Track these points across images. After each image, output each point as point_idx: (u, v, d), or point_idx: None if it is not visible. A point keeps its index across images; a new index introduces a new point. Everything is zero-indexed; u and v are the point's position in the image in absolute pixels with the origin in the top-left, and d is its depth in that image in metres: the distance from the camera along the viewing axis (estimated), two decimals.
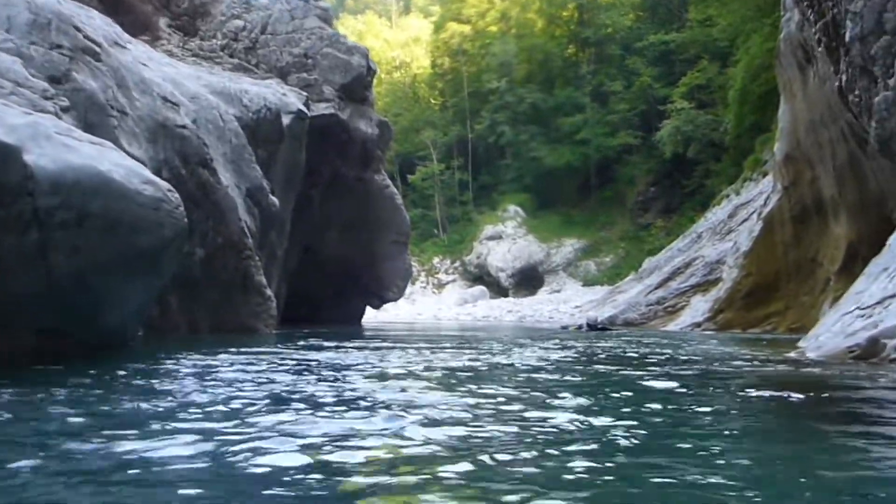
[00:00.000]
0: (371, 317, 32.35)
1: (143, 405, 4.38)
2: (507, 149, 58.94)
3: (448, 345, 11.35)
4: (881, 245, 14.46)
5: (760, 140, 32.72)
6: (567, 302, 41.44)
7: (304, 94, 17.79)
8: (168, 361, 7.03)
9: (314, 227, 21.95)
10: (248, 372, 6.21)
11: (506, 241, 52.18)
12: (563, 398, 4.71)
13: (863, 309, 8.51)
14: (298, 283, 21.39)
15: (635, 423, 3.81)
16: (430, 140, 60.94)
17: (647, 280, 31.11)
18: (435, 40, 70.26)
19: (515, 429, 3.73)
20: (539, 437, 3.53)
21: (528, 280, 50.52)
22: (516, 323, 35.21)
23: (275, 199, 13.97)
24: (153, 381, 5.57)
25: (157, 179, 7.84)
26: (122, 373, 6.01)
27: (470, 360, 7.90)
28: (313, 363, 7.00)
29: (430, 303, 49.55)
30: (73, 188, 6.52)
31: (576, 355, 9.32)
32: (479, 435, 3.53)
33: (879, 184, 13.90)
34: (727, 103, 39.76)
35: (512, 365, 7.51)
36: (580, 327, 20.78)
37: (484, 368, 6.94)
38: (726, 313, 18.93)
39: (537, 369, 6.89)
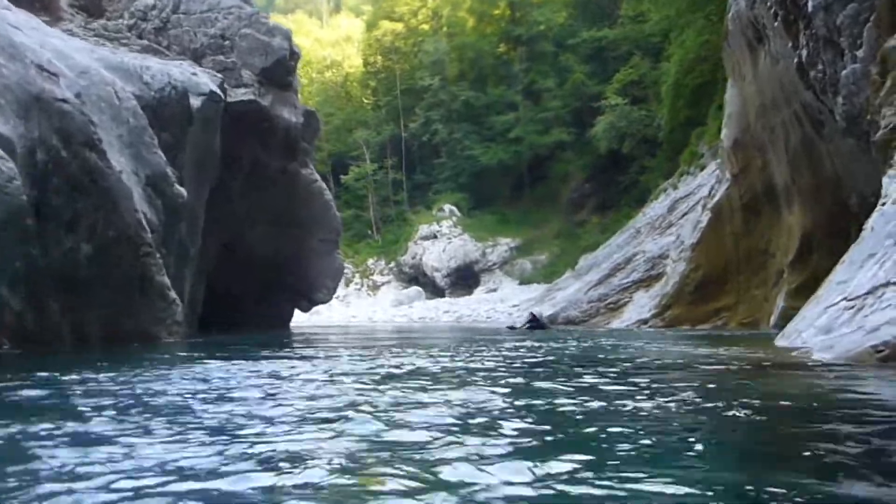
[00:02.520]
0: (303, 320, 31.07)
1: None
2: (441, 147, 58.17)
3: (385, 352, 9.95)
4: (837, 233, 13.75)
5: (696, 133, 32.45)
6: (504, 301, 40.78)
7: (220, 75, 16.10)
8: None
9: (236, 223, 20.26)
10: (91, 397, 4.72)
11: (441, 240, 51.38)
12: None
13: (850, 300, 7.50)
14: (220, 284, 19.78)
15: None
16: (363, 139, 59.73)
17: (585, 277, 30.42)
18: (367, 38, 69.10)
19: None
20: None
21: (465, 280, 49.99)
22: (454, 323, 34.30)
23: (182, 189, 12.31)
24: None
25: None
26: None
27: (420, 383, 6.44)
28: (196, 387, 5.47)
29: (364, 305, 48.61)
30: None
31: (544, 363, 8.09)
32: None
33: (836, 168, 13.17)
34: (661, 99, 39.60)
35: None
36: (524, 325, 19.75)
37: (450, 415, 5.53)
38: (674, 309, 18.08)
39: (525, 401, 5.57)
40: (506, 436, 3.27)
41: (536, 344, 11.14)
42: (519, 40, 58.94)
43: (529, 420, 3.72)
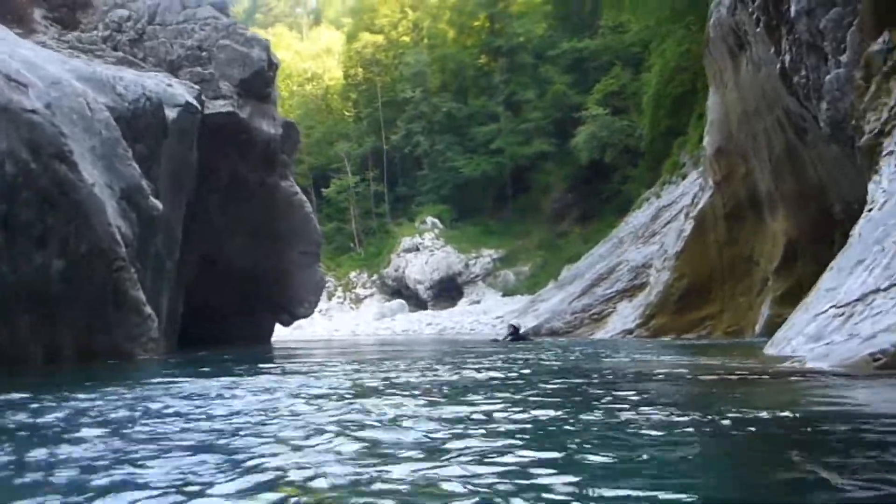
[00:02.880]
0: (285, 334, 30.78)
1: None
2: (423, 159, 58.02)
3: (372, 369, 9.70)
4: (822, 240, 13.70)
5: (678, 142, 32.54)
6: (487, 312, 40.61)
7: (196, 87, 15.81)
8: None
9: (215, 237, 19.92)
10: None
11: (424, 252, 51.13)
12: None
13: (840, 307, 7.37)
14: (199, 299, 19.40)
15: None
16: (345, 152, 59.45)
17: (569, 288, 30.31)
18: (347, 50, 68.95)
19: None
20: None
21: (448, 292, 49.78)
22: (437, 336, 34.06)
23: (157, 202, 12.00)
24: None
25: None
26: None
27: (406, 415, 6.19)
28: (169, 409, 5.19)
29: (347, 318, 48.30)
30: None
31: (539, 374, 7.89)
32: None
33: (819, 175, 13.12)
34: (642, 109, 39.74)
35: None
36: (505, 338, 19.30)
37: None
38: (658, 318, 17.95)
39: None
40: (495, 451, 3.17)
41: (522, 356, 10.92)
42: (499, 52, 59.01)
43: (516, 433, 3.52)
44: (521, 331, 20.46)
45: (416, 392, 5.81)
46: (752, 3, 11.81)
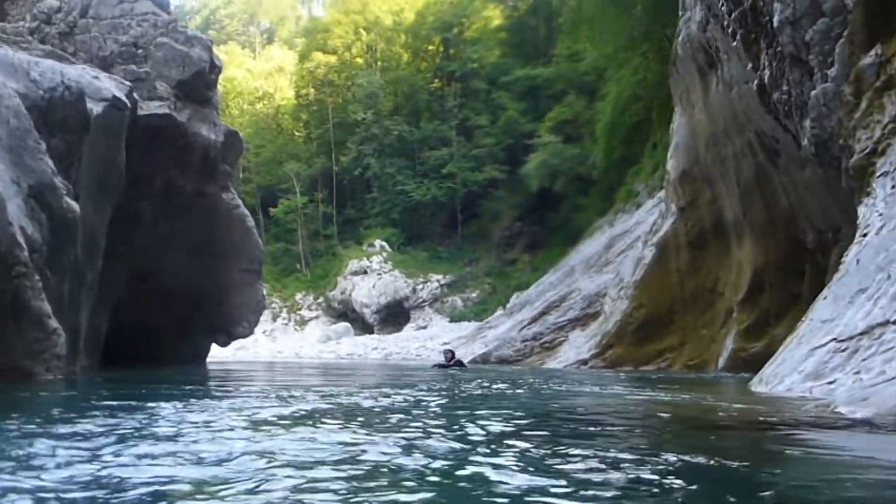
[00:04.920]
0: (227, 355, 29.60)
1: None
2: (373, 182, 57.27)
3: (306, 395, 8.56)
4: (791, 271, 13.11)
5: (632, 171, 32.34)
6: (434, 338, 39.78)
7: (128, 83, 14.48)
8: None
9: (149, 249, 18.49)
10: None
11: (371, 276, 50.17)
12: None
13: (841, 341, 6.55)
14: (130, 315, 18.00)
15: None
16: (294, 172, 58.30)
17: (518, 315, 29.62)
18: (300, 70, 68.16)
19: None
20: None
21: (394, 316, 48.99)
22: (383, 361, 32.97)
23: (73, 203, 10.65)
24: None
25: None
26: None
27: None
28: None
29: (292, 340, 47.02)
30: None
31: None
32: None
33: (790, 201, 12.54)
34: (595, 137, 39.59)
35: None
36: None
37: None
38: (616, 348, 17.15)
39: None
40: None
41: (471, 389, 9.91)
42: (452, 76, 58.93)
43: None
44: (457, 357, 19.02)
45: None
46: (727, 16, 11.19)
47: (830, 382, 6.26)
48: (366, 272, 50.67)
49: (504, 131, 53.37)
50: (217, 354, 27.03)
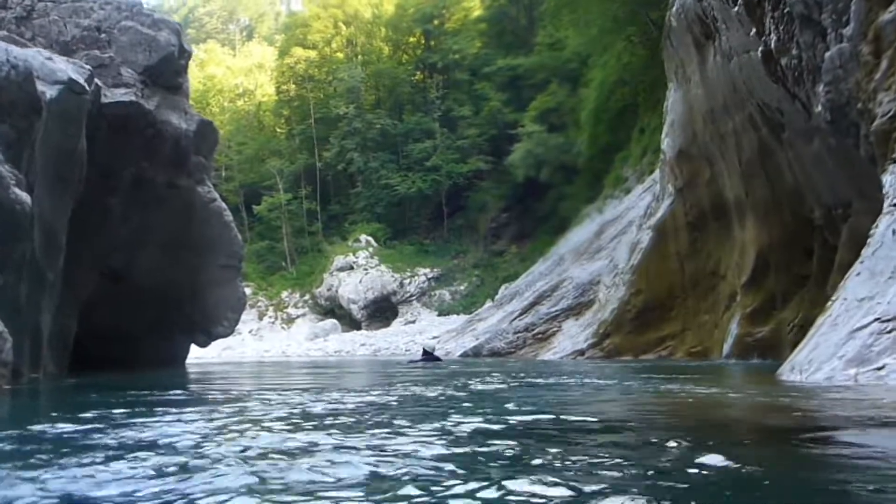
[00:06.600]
0: (213, 355, 29.03)
1: None
2: (357, 177, 56.54)
3: (293, 396, 7.77)
4: (798, 251, 12.40)
5: (620, 157, 31.69)
6: (423, 333, 39.27)
7: (88, 67, 13.55)
8: None
9: (120, 246, 17.58)
10: None
11: (357, 271, 49.46)
12: None
13: (886, 321, 5.80)
14: (104, 317, 17.17)
15: None
16: (277, 169, 57.49)
17: (507, 307, 28.94)
18: (280, 66, 67.44)
19: None
20: None
21: (382, 311, 48.43)
22: (371, 357, 32.37)
23: (23, 194, 9.75)
24: None
25: None
26: None
27: None
28: None
29: (278, 339, 46.41)
30: None
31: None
32: None
33: (796, 177, 11.83)
34: (579, 125, 38.94)
35: None
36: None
37: None
38: (614, 337, 16.42)
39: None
40: None
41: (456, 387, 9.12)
42: (434, 68, 58.24)
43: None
44: (435, 353, 19.92)
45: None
46: None
47: (879, 368, 5.52)
48: (352, 268, 49.97)
49: (488, 122, 52.85)
50: (203, 355, 26.24)
